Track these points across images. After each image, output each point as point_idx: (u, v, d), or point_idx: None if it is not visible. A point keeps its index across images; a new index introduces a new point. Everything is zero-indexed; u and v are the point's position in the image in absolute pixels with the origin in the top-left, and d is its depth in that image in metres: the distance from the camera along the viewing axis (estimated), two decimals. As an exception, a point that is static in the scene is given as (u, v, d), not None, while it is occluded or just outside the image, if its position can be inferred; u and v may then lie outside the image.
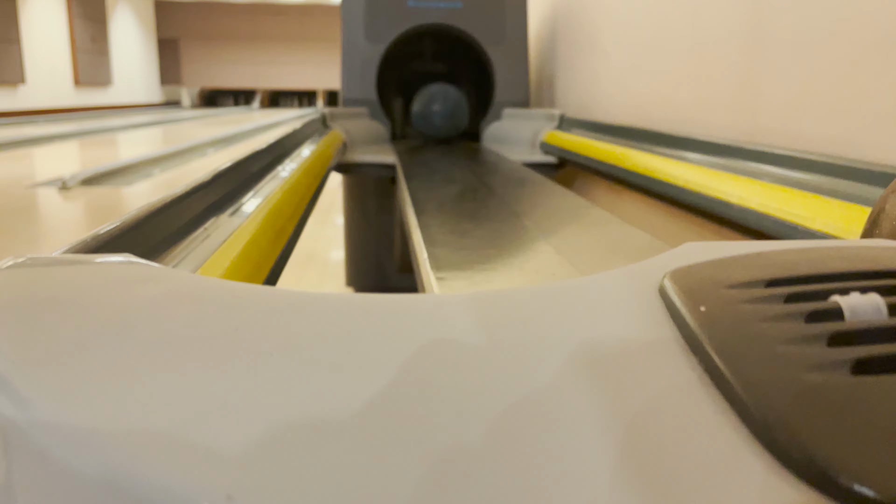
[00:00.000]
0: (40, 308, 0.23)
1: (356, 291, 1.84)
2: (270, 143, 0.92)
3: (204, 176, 0.57)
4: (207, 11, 18.82)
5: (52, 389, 0.19)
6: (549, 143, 1.54)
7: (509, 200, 0.95)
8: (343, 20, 1.78)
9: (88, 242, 0.34)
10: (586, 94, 1.62)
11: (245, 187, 0.66)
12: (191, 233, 0.47)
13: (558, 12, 1.85)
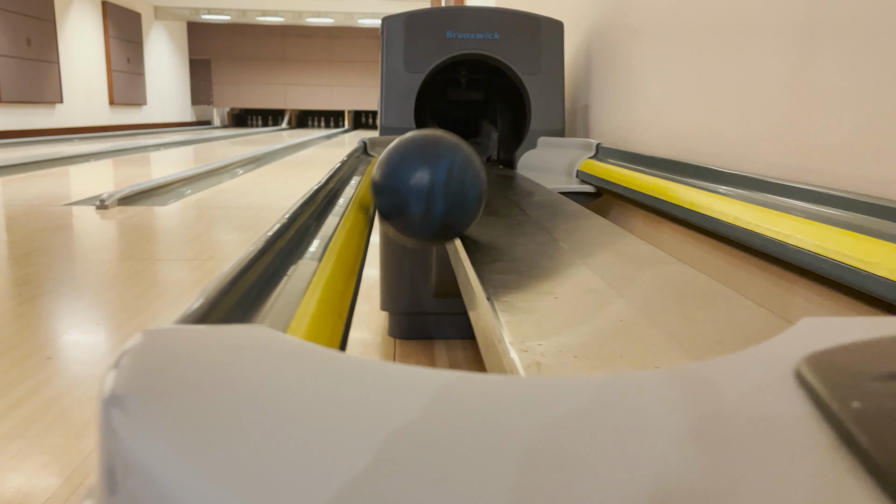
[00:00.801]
0: (194, 387, 0.23)
1: (391, 315, 1.86)
2: (329, 176, 0.95)
3: (280, 222, 0.60)
4: (238, 33, 19.19)
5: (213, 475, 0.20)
6: (585, 171, 1.55)
7: (548, 228, 0.96)
8: (383, 51, 1.82)
9: (202, 308, 0.36)
10: (622, 123, 1.63)
11: (313, 226, 0.69)
12: (277, 281, 0.49)
13: (592, 40, 1.87)
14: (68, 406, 1.37)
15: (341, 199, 0.89)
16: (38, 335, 1.82)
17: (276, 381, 0.24)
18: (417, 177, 0.78)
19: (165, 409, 0.22)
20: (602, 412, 0.22)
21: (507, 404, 0.23)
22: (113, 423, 0.22)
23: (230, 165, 6.94)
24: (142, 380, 0.24)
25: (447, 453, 0.20)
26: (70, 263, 2.61)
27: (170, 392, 0.23)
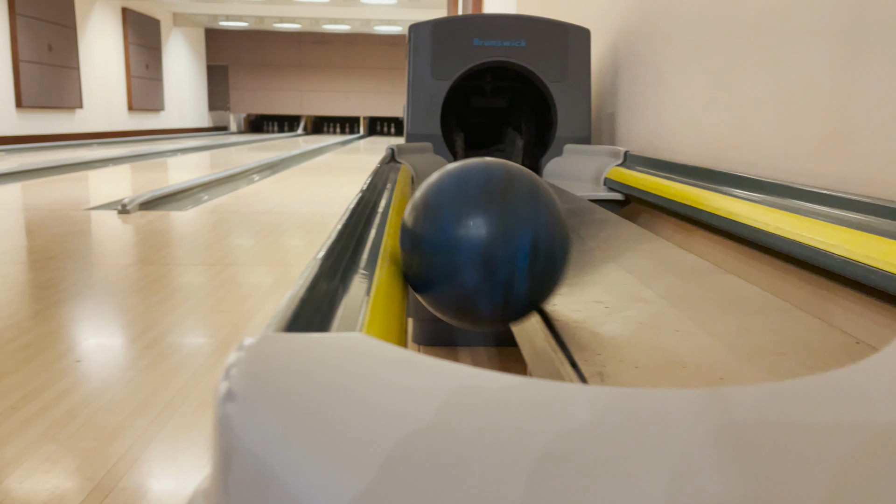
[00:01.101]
0: (309, 391, 0.24)
1: (416, 321, 1.86)
2: (368, 185, 0.95)
3: (334, 234, 0.60)
4: (255, 39, 19.34)
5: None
6: (613, 179, 1.55)
7: (585, 236, 0.96)
8: (410, 58, 1.82)
9: (292, 315, 0.36)
10: (651, 131, 1.63)
11: (360, 234, 0.69)
12: (344, 289, 0.49)
13: (619, 47, 1.87)
14: (98, 409, 1.38)
15: (382, 202, 0.89)
16: (65, 338, 1.84)
17: (380, 386, 0.24)
18: (485, 251, 0.53)
19: (285, 411, 0.23)
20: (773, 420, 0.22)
21: (650, 418, 0.23)
22: (232, 421, 0.22)
23: (248, 171, 6.98)
24: (260, 383, 0.24)
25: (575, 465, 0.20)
26: (93, 268, 2.64)
27: (288, 395, 0.24)
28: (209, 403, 1.42)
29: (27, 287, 2.36)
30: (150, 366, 1.62)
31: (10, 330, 1.88)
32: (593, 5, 2.22)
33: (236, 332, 1.89)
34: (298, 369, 0.26)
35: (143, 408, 1.40)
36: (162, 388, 1.50)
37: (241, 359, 0.26)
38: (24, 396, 1.44)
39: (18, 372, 1.58)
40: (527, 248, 0.54)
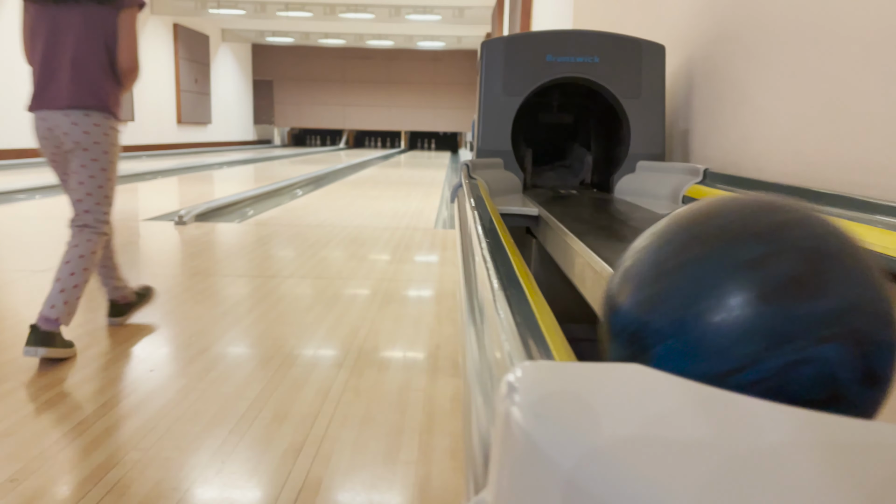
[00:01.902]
0: (606, 421, 0.23)
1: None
2: (471, 206, 0.95)
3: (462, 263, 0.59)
4: (300, 55, 19.70)
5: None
6: (693, 197, 1.52)
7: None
8: (481, 74, 1.82)
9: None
10: (732, 148, 1.59)
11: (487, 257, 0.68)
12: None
13: (694, 62, 1.84)
14: (178, 419, 1.40)
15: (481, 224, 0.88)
16: (138, 348, 1.87)
17: (684, 420, 0.23)
18: (775, 353, 0.38)
19: (596, 438, 0.22)
20: None
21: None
22: (542, 444, 0.22)
23: (295, 184, 7.08)
24: (556, 410, 0.24)
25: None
26: (158, 277, 2.69)
27: (597, 422, 0.23)
28: (283, 416, 1.43)
29: (97, 296, 2.41)
30: (221, 376, 1.64)
31: (84, 338, 1.92)
32: (664, 21, 2.20)
33: (303, 345, 1.89)
34: (597, 397, 0.25)
35: (220, 418, 1.41)
36: (236, 399, 1.51)
37: (530, 383, 0.26)
38: (105, 403, 1.46)
39: (97, 379, 1.61)
40: (850, 349, 0.39)
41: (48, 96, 1.74)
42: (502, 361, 0.37)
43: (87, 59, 1.73)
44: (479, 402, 0.38)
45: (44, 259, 3.02)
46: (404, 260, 3.16)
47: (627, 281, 0.45)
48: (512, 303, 0.47)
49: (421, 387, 1.63)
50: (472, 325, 0.56)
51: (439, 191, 6.92)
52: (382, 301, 2.40)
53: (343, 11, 13.72)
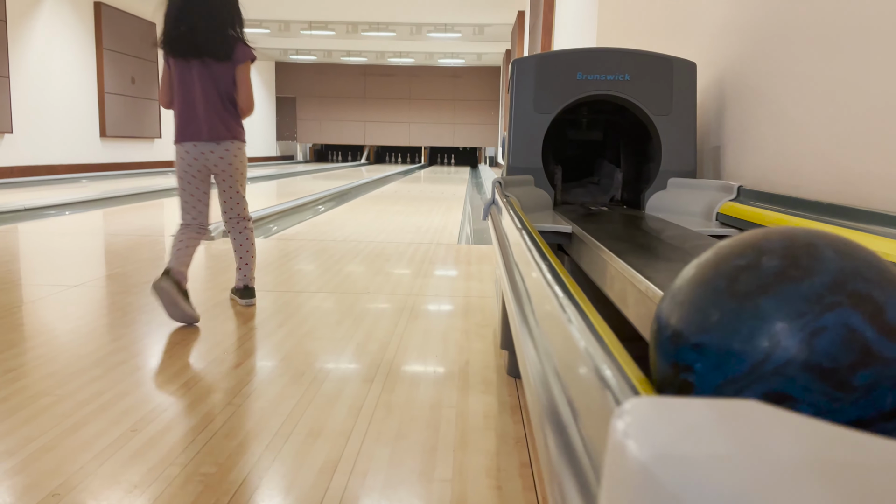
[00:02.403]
0: (735, 460, 0.24)
1: (511, 354, 1.85)
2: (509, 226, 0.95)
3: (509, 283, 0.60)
4: (323, 72, 19.94)
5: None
6: (728, 214, 1.51)
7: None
8: (512, 92, 1.84)
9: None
10: (766, 165, 1.59)
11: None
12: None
13: (725, 79, 1.84)
14: (214, 433, 1.41)
15: (522, 243, 0.88)
16: (173, 362, 1.89)
17: (814, 465, 0.24)
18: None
19: (724, 477, 0.22)
20: None
21: None
22: (659, 487, 0.22)
23: (319, 199, 7.14)
24: (681, 450, 0.24)
25: None
26: (192, 291, 2.72)
27: (715, 464, 0.23)
28: (317, 432, 1.44)
29: (130, 310, 2.44)
30: (255, 392, 1.65)
31: (118, 353, 1.94)
32: (693, 39, 2.20)
33: (333, 361, 1.91)
34: (721, 438, 0.25)
35: (255, 434, 1.42)
36: (270, 415, 1.52)
37: (648, 421, 0.26)
38: (142, 418, 1.48)
39: (132, 395, 1.63)
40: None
41: (191, 131, 2.32)
42: (595, 390, 0.37)
43: (217, 102, 2.33)
44: (555, 429, 0.38)
45: (76, 274, 3.08)
46: (429, 275, 3.17)
47: (681, 307, 0.46)
48: (592, 328, 0.47)
49: (453, 403, 1.63)
50: (531, 340, 0.56)
51: (461, 206, 6.94)
52: (410, 316, 2.41)
53: (365, 30, 13.87)
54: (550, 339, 0.50)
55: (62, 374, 1.73)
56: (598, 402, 0.35)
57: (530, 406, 0.56)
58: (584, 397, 0.39)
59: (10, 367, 1.78)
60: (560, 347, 0.48)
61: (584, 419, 0.37)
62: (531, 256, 0.73)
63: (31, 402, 1.54)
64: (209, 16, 2.27)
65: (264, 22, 13.62)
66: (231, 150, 2.38)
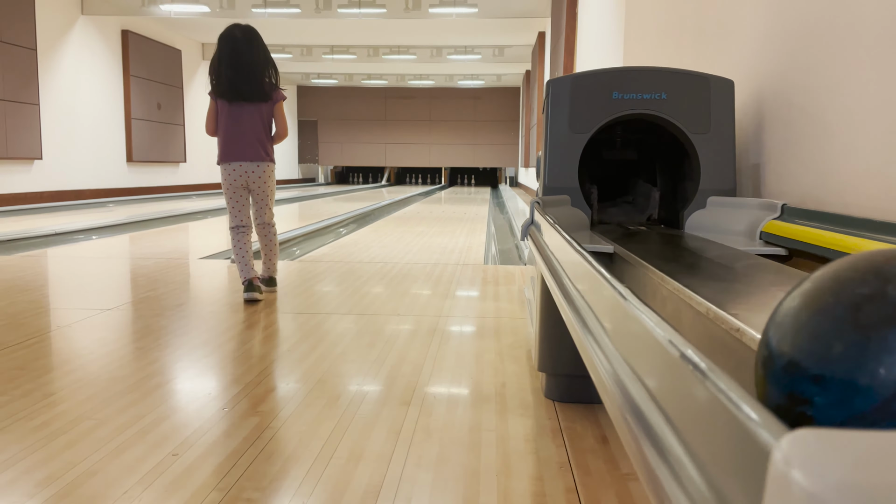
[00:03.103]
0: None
1: (549, 376, 1.82)
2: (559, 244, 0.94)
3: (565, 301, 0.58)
4: (344, 95, 20.17)
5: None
6: (772, 233, 1.49)
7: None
8: (547, 112, 1.83)
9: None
10: (812, 183, 1.56)
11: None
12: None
13: (764, 96, 1.82)
14: (255, 457, 1.40)
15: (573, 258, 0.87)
16: (208, 385, 1.89)
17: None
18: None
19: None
20: None
21: None
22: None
23: (342, 222, 7.18)
24: (849, 476, 0.23)
25: None
26: (220, 315, 2.73)
27: (885, 490, 0.22)
28: (358, 456, 1.42)
29: (164, 334, 2.46)
30: (293, 414, 1.64)
31: (155, 376, 1.95)
32: (725, 57, 2.19)
33: (369, 383, 1.89)
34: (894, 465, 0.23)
35: (296, 457, 1.41)
36: (310, 438, 1.51)
37: (817, 457, 0.24)
38: (183, 442, 1.47)
39: (172, 418, 1.63)
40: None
41: (233, 154, 2.95)
42: (724, 419, 0.35)
43: (259, 133, 2.97)
44: (661, 457, 0.36)
45: (108, 298, 3.11)
46: (458, 296, 3.16)
47: (796, 334, 0.43)
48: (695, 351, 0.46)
49: (492, 426, 1.61)
50: (606, 361, 0.55)
51: (484, 226, 6.94)
52: (442, 338, 2.39)
53: (386, 53, 14.02)
54: (641, 362, 0.49)
55: (101, 398, 1.74)
56: (727, 430, 0.33)
57: (620, 433, 0.54)
58: (704, 424, 0.37)
59: (49, 392, 1.79)
60: (660, 371, 0.47)
61: (704, 447, 0.35)
62: (599, 274, 0.72)
63: (72, 427, 1.55)
64: (253, 70, 2.90)
65: (287, 47, 13.83)
66: (267, 171, 3.03)
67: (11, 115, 8.73)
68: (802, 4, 1.66)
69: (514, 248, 5.42)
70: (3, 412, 1.63)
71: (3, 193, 8.74)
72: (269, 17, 10.30)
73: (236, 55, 2.87)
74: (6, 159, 8.72)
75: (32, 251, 4.64)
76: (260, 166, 2.97)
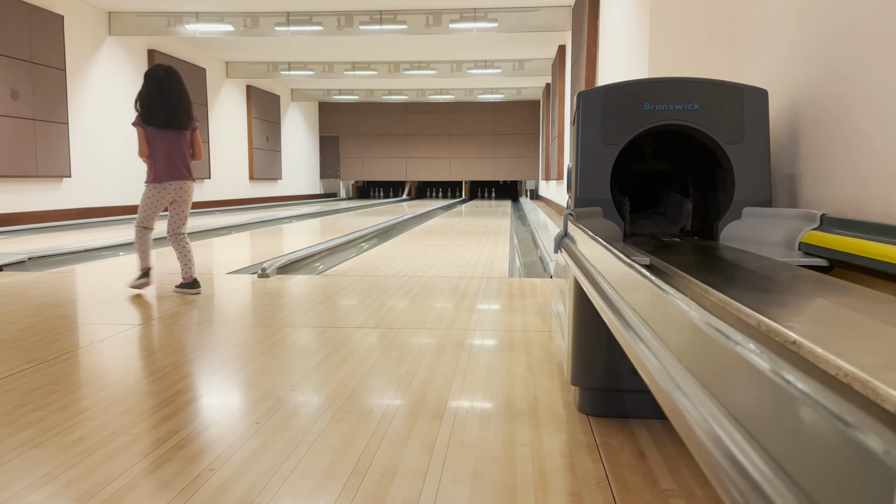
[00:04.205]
0: None
1: (582, 390, 1.80)
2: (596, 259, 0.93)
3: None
4: (365, 111, 20.33)
5: None
6: (812, 244, 1.46)
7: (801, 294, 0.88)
8: (578, 124, 1.83)
9: None
10: (851, 193, 1.53)
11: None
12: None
13: (799, 104, 1.80)
14: (290, 473, 1.40)
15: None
16: (244, 399, 1.89)
17: None
18: None
19: None
20: None
21: None
22: None
23: (367, 235, 7.21)
24: None
25: None
26: (251, 329, 2.74)
27: None
28: (393, 471, 1.41)
29: (194, 348, 2.47)
30: (326, 429, 1.64)
31: (187, 391, 1.96)
32: (755, 67, 2.17)
33: (400, 397, 1.88)
34: None
35: (331, 473, 1.40)
36: (344, 453, 1.50)
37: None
38: (218, 457, 1.48)
39: (207, 432, 1.63)
40: None
41: (168, 175, 3.51)
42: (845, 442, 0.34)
43: (185, 156, 3.58)
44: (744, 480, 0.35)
45: (137, 314, 3.14)
46: (485, 310, 3.15)
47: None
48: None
49: (526, 441, 1.59)
50: (668, 377, 0.54)
51: (506, 239, 6.92)
52: (471, 352, 2.38)
53: (407, 69, 14.12)
54: (723, 383, 0.47)
55: (136, 413, 1.75)
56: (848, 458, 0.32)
57: (696, 454, 0.53)
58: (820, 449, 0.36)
59: (85, 407, 1.81)
60: (749, 390, 0.45)
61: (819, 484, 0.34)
62: (652, 284, 0.70)
63: (110, 441, 1.56)
64: (180, 104, 3.53)
65: (309, 64, 13.99)
66: (191, 188, 3.64)
67: (42, 135, 8.90)
68: (836, 13, 1.64)
69: (538, 261, 5.40)
70: (41, 427, 1.65)
71: (34, 211, 8.90)
72: (292, 35, 10.43)
73: (165, 91, 3.48)
74: (37, 177, 8.89)
75: (63, 267, 4.71)
76: (187, 183, 3.57)
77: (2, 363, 2.23)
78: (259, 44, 12.25)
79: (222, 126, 13.93)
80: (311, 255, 5.18)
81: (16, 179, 8.61)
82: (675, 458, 1.50)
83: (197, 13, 10.23)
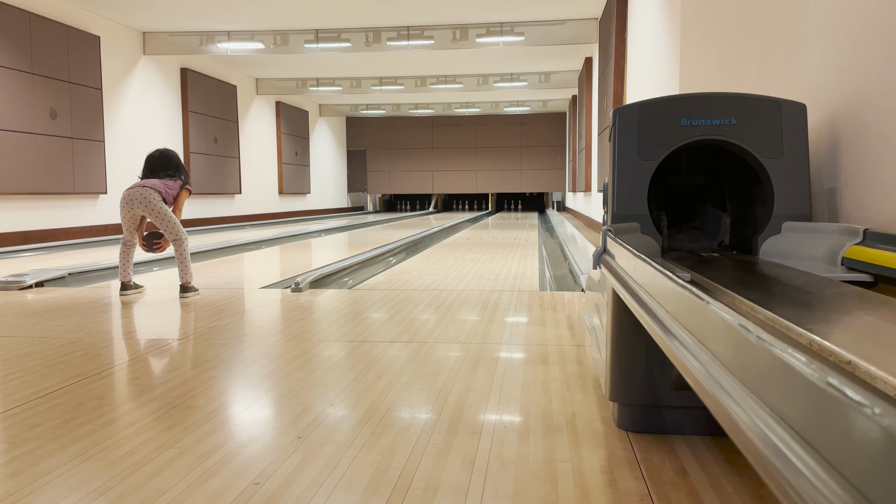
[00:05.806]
0: None
1: (621, 406, 1.80)
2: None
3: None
4: (391, 125, 20.51)
5: None
6: (855, 259, 1.45)
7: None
8: (615, 139, 1.84)
9: None
10: (895, 206, 1.52)
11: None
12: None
13: (839, 119, 1.79)
14: (333, 488, 1.42)
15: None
16: (281, 414, 1.92)
17: None
18: None
19: None
20: None
21: None
22: None
23: (395, 249, 7.25)
24: None
25: None
26: (290, 343, 2.78)
27: None
28: (435, 486, 1.42)
29: (234, 363, 2.51)
30: (367, 443, 1.66)
31: (232, 406, 1.99)
32: (791, 81, 2.16)
33: (437, 411, 1.90)
34: None
35: (374, 487, 1.42)
36: (386, 467, 1.52)
37: None
38: (263, 471, 1.50)
39: (251, 446, 1.66)
40: None
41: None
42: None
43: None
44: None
45: (176, 328, 3.19)
46: (518, 323, 3.15)
47: None
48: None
49: (566, 457, 1.59)
50: (730, 398, 0.54)
51: (535, 252, 6.91)
52: (506, 366, 2.39)
53: (433, 83, 14.22)
54: (788, 403, 0.48)
55: (181, 427, 1.79)
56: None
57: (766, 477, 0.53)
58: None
59: (132, 421, 1.85)
60: (815, 412, 0.46)
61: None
62: (698, 299, 0.71)
63: (157, 455, 1.59)
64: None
65: (337, 80, 14.16)
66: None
67: (79, 153, 9.13)
68: (873, 28, 1.63)
69: (567, 274, 5.38)
70: (90, 440, 1.69)
71: (72, 227, 9.12)
72: (321, 52, 10.58)
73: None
74: (74, 194, 9.10)
75: (100, 283, 4.82)
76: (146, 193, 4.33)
77: (49, 378, 2.29)
78: (288, 61, 12.44)
79: (252, 142, 14.15)
80: (341, 269, 5.23)
81: (54, 196, 8.83)
82: (718, 476, 1.49)
83: (228, 32, 10.44)
